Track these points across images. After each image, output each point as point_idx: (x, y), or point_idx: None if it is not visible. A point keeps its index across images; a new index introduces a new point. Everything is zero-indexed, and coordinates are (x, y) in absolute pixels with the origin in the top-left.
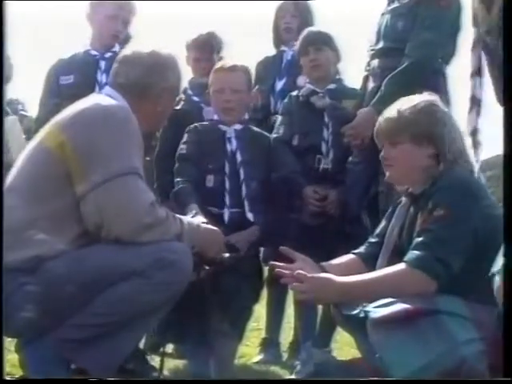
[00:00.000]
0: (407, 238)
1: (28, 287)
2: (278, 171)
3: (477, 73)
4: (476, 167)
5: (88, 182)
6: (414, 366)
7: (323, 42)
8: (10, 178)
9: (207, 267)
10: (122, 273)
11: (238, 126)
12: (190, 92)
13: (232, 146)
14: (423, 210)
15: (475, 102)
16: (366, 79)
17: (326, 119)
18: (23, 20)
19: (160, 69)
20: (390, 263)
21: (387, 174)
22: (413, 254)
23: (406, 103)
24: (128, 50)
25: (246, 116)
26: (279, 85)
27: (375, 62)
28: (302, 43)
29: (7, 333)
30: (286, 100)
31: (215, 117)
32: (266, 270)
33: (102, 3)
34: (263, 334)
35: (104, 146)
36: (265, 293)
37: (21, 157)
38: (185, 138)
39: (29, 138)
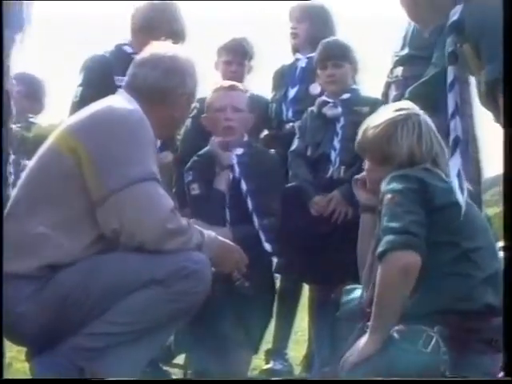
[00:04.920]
0: None
1: (42, 296)
2: (290, 181)
3: (456, 113)
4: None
5: (105, 188)
6: None
7: (342, 56)
8: (20, 183)
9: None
10: (141, 281)
11: (239, 151)
12: None
13: (235, 173)
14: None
15: (457, 143)
16: (387, 87)
17: (337, 128)
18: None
19: (180, 73)
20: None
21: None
22: (381, 243)
23: (373, 120)
24: (147, 53)
25: (246, 137)
26: (291, 93)
27: (399, 70)
28: (319, 56)
29: (18, 342)
30: (304, 116)
31: (215, 139)
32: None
33: None
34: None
35: (120, 150)
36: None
37: (32, 161)
38: (190, 175)
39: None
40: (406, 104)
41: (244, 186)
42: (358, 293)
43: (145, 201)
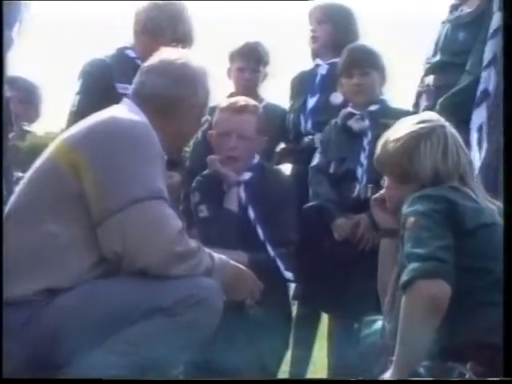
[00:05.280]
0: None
1: (38, 322)
2: (311, 201)
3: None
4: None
5: (107, 206)
6: None
7: (370, 64)
8: (14, 198)
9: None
10: (144, 309)
11: (246, 175)
12: None
13: (242, 200)
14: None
15: (485, 96)
16: (418, 96)
17: (364, 143)
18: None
19: (191, 82)
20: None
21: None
22: (405, 272)
23: (394, 133)
24: (155, 59)
25: (256, 158)
26: (311, 102)
27: (430, 78)
28: (345, 63)
29: (12, 370)
30: (326, 128)
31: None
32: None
33: None
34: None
35: (124, 166)
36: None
37: (29, 174)
38: (197, 196)
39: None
40: (430, 115)
41: (252, 213)
42: (379, 324)
43: (150, 221)
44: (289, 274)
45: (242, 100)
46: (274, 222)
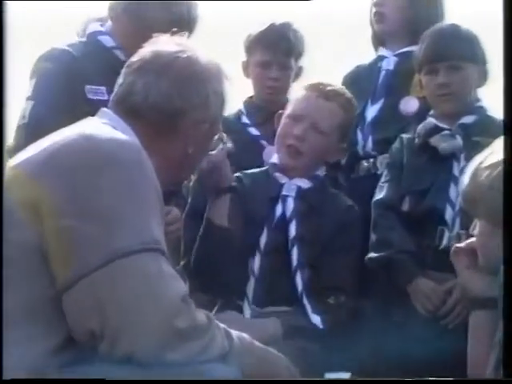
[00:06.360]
0: None
1: None
2: (377, 251)
3: None
4: None
5: (78, 264)
6: None
7: (463, 54)
8: None
9: None
10: None
11: (304, 183)
12: (245, 120)
13: (286, 209)
14: None
15: None
16: None
17: (455, 170)
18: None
19: (200, 86)
20: None
21: None
22: None
23: (489, 157)
24: (146, 52)
25: (321, 172)
26: (372, 111)
27: None
28: (426, 53)
29: None
30: (394, 145)
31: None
32: None
33: None
34: None
35: (103, 206)
36: None
37: None
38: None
39: None
40: None
41: (293, 231)
42: None
43: (141, 283)
44: (317, 319)
45: (336, 86)
46: (327, 263)
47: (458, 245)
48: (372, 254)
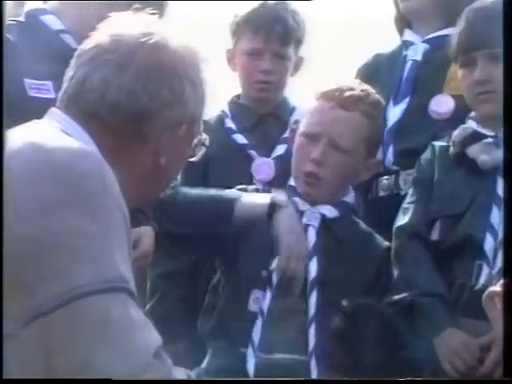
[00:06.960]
0: None
1: None
2: (397, 292)
3: None
4: None
5: (23, 305)
6: None
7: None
8: None
9: None
10: None
11: (328, 210)
12: (229, 125)
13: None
14: None
15: None
16: None
17: (499, 189)
18: None
19: (173, 78)
20: None
21: None
22: None
23: None
24: (105, 36)
25: (350, 198)
26: (394, 113)
27: None
28: (461, 40)
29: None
30: (424, 156)
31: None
32: None
33: None
34: None
35: (55, 234)
36: None
37: None
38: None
39: None
40: None
41: (314, 270)
42: None
43: (101, 331)
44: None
45: (354, 88)
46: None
47: (493, 288)
48: (391, 297)
